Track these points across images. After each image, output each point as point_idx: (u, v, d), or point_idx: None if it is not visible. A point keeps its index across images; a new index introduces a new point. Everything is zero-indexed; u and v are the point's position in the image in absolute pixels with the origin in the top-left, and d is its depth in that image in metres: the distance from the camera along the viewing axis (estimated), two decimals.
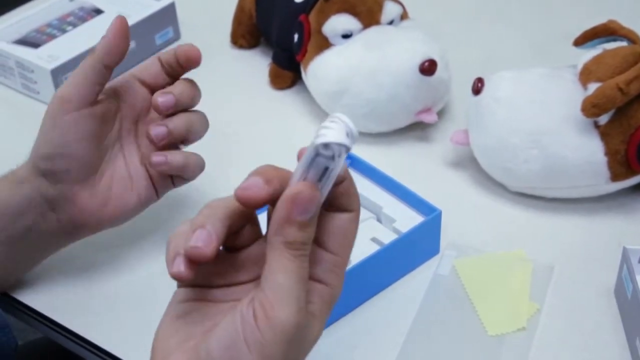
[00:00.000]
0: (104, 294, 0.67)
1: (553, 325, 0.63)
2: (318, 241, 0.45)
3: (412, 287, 0.66)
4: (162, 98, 0.61)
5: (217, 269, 0.46)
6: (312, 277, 0.44)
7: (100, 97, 0.62)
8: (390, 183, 0.71)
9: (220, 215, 0.44)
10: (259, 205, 0.43)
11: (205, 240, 0.42)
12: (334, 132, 0.40)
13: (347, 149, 0.41)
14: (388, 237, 0.66)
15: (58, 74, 0.86)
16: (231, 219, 0.44)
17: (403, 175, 0.72)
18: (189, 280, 0.44)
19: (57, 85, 0.86)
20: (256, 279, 0.45)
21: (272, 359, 0.41)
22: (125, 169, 0.64)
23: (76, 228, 0.63)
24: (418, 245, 0.67)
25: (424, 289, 0.66)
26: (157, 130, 0.62)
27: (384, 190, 0.71)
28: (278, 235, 0.42)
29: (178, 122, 0.62)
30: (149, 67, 0.64)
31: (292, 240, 0.42)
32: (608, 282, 0.65)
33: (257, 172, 0.43)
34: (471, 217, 0.73)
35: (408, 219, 0.68)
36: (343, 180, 0.44)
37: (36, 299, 0.66)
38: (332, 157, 0.41)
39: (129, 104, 0.64)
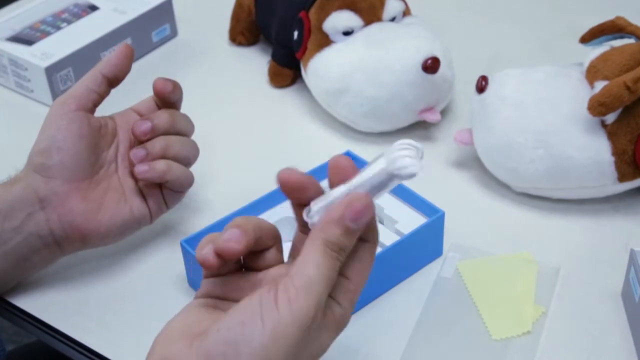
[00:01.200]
0: (98, 298, 0.66)
1: (559, 328, 0.63)
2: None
3: (415, 290, 0.66)
4: (139, 123, 0.65)
5: (235, 283, 0.49)
6: (328, 295, 0.47)
7: (101, 120, 0.66)
8: None
9: (252, 226, 0.48)
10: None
11: (237, 237, 0.46)
12: (413, 160, 0.45)
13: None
14: (390, 239, 0.66)
15: (52, 71, 0.85)
16: (261, 232, 0.49)
17: None
18: (212, 270, 0.48)
19: (51, 83, 0.85)
20: None
21: (284, 340, 0.44)
22: (119, 185, 0.66)
23: (65, 232, 0.63)
24: (421, 247, 0.67)
25: (427, 292, 0.65)
26: (135, 150, 0.66)
27: None
28: (322, 232, 0.45)
29: (155, 143, 0.66)
30: (144, 101, 0.69)
31: (333, 241, 0.45)
32: (615, 284, 0.65)
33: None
34: (475, 219, 0.72)
35: (410, 220, 0.68)
36: None
37: (29, 301, 0.66)
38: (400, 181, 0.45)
39: (125, 130, 0.68)
